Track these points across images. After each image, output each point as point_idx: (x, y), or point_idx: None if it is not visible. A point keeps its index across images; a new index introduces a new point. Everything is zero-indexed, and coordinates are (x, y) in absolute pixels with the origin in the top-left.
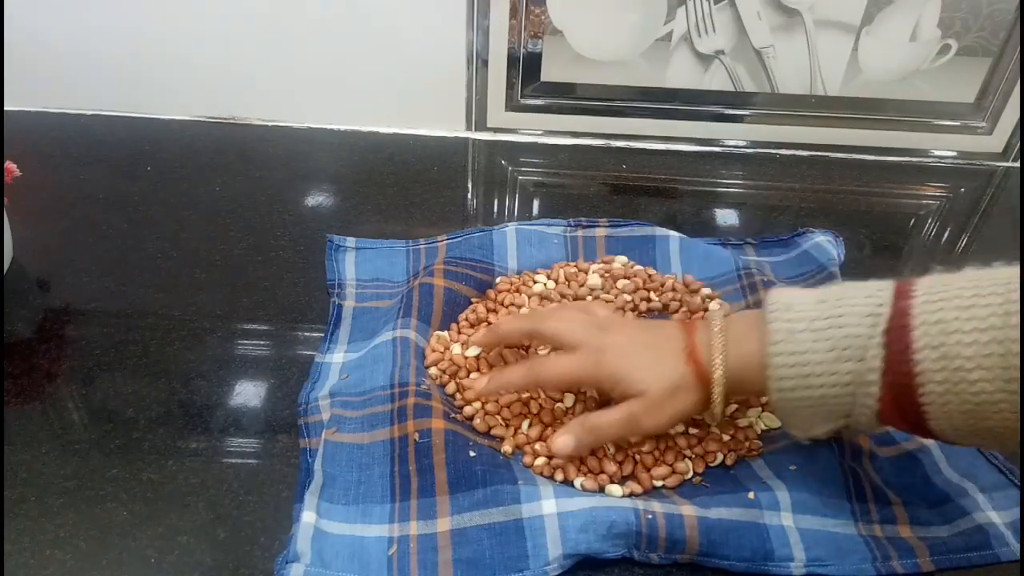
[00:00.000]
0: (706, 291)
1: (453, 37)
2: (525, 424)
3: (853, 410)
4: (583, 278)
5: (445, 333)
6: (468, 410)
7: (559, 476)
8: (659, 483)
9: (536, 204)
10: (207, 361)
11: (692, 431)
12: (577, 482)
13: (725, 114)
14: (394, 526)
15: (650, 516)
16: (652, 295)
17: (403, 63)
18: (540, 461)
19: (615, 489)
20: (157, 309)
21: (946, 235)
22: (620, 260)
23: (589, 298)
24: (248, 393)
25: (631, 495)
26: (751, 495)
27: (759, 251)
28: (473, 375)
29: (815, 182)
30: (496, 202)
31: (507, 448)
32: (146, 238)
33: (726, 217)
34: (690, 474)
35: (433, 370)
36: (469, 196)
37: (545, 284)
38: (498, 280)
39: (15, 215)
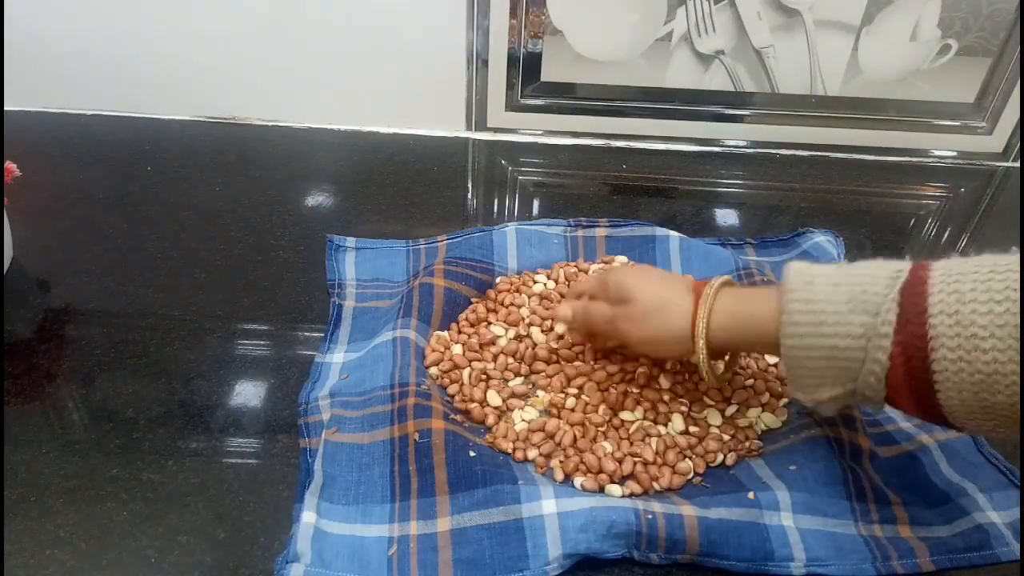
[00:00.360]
0: None
1: (453, 37)
2: (517, 416)
3: (863, 369)
4: (583, 278)
5: (445, 333)
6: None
7: (558, 475)
8: (662, 487)
9: (536, 204)
10: (207, 361)
11: (692, 430)
12: (577, 482)
13: (725, 114)
14: (394, 526)
15: (650, 516)
16: None
17: (403, 63)
18: (533, 453)
19: (615, 489)
20: (157, 309)
21: (946, 235)
22: (620, 260)
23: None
24: (248, 393)
25: (631, 495)
26: (751, 495)
27: (759, 251)
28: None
29: (815, 182)
30: (496, 202)
31: (506, 446)
32: (146, 238)
33: (726, 217)
34: (691, 474)
35: (433, 370)
36: (469, 196)
37: (545, 284)
38: (498, 280)
39: (15, 215)
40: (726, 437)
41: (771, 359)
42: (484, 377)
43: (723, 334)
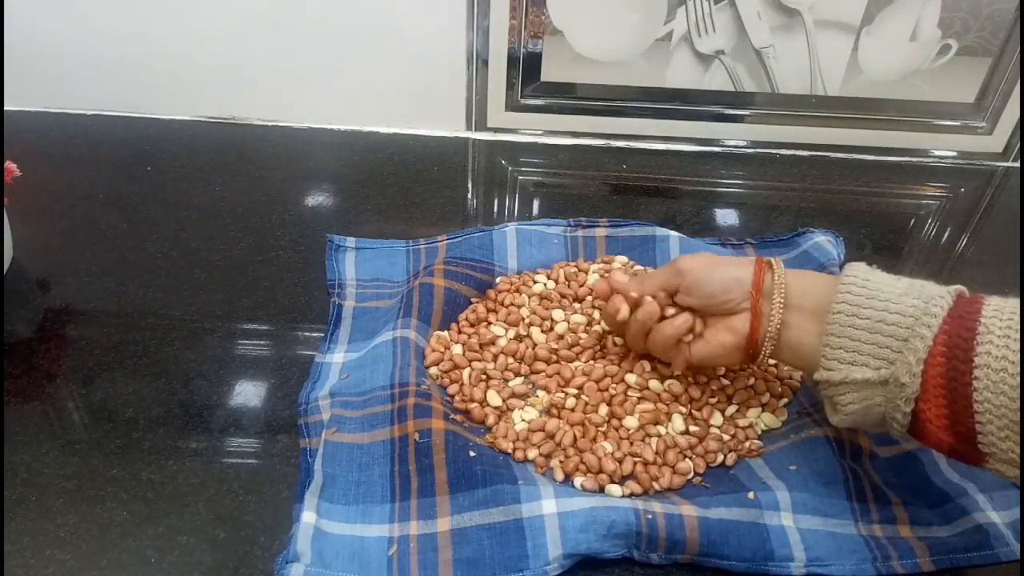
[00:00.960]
0: None
1: (453, 37)
2: (517, 416)
3: (904, 347)
4: (583, 278)
5: (445, 333)
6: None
7: (558, 475)
8: (662, 487)
9: (536, 204)
10: (207, 361)
11: (692, 430)
12: (577, 482)
13: (725, 114)
14: (394, 526)
15: (650, 516)
16: None
17: (403, 63)
18: (533, 453)
19: (615, 489)
20: (157, 309)
21: (946, 235)
22: (620, 260)
23: (589, 298)
24: (248, 393)
25: (631, 495)
26: (751, 495)
27: (759, 251)
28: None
29: (815, 182)
30: (496, 202)
31: (506, 446)
32: (146, 238)
33: (726, 217)
34: (691, 474)
35: (433, 370)
36: (469, 196)
37: (545, 284)
38: (498, 280)
39: (15, 215)
40: (726, 437)
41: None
42: (484, 377)
43: (778, 293)
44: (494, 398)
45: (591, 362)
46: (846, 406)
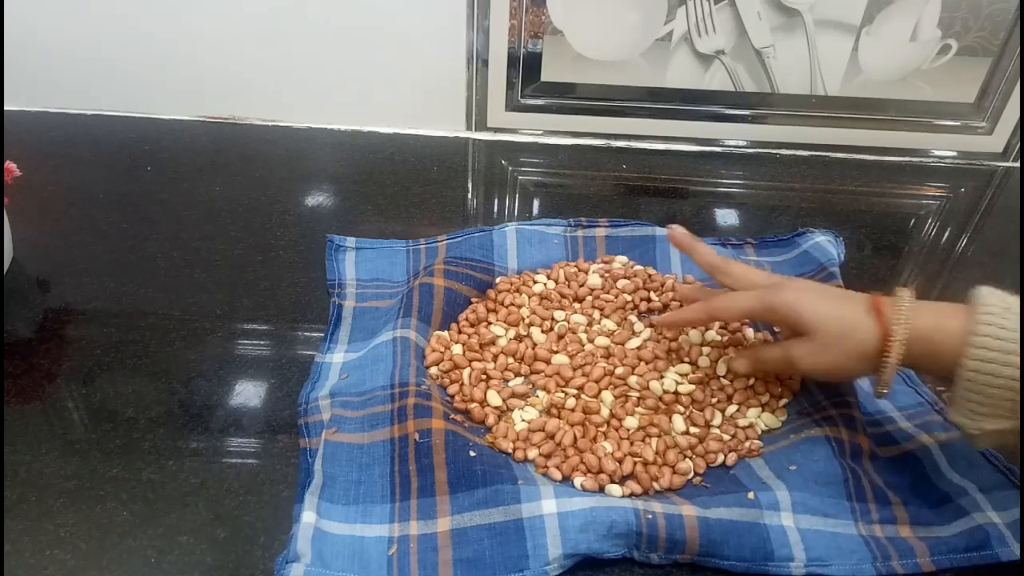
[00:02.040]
0: None
1: (453, 37)
2: (518, 416)
3: None
4: (583, 278)
5: (445, 333)
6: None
7: (556, 475)
8: (662, 487)
9: (536, 204)
10: (207, 361)
11: (693, 430)
12: (577, 482)
13: (725, 114)
14: (394, 526)
15: (650, 516)
16: (652, 295)
17: (403, 63)
18: (533, 453)
19: (615, 489)
20: (157, 309)
21: (946, 235)
22: (620, 260)
23: (589, 299)
24: (248, 393)
25: (631, 495)
26: (751, 495)
27: (759, 251)
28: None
29: (815, 182)
30: (496, 202)
31: (506, 446)
32: (146, 238)
33: (726, 217)
34: (691, 474)
35: (433, 370)
36: (469, 196)
37: (545, 284)
38: (498, 280)
39: (15, 215)
40: (726, 437)
41: None
42: (484, 377)
43: (906, 356)
44: (494, 398)
45: (590, 364)
46: (978, 441)
